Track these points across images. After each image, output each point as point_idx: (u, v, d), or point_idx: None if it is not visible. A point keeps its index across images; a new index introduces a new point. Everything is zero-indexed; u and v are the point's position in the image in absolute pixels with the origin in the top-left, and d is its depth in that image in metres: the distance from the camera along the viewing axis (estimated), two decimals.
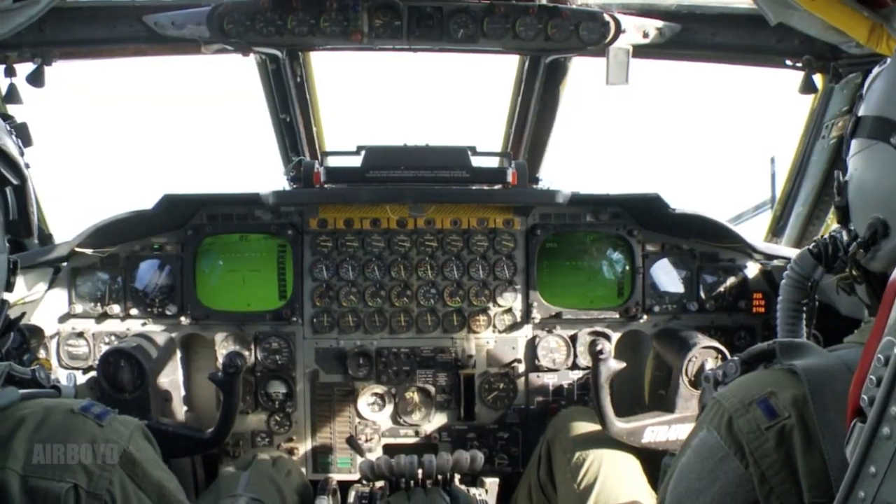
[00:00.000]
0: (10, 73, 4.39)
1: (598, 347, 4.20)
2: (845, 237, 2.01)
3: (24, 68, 4.41)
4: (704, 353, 4.39)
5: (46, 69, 4.42)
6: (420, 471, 3.52)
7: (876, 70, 1.93)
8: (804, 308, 2.72)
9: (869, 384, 1.47)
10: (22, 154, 2.06)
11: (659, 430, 4.32)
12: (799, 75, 4.67)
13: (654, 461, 4.24)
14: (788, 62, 4.69)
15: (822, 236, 2.36)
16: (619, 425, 4.24)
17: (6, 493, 1.73)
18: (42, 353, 4.72)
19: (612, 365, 4.23)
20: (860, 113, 1.91)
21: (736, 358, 2.10)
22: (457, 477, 3.75)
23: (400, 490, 3.57)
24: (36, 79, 4.40)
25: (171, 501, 2.01)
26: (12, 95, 4.40)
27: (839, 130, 4.66)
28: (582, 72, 5.17)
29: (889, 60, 1.89)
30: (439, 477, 3.58)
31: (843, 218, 2.01)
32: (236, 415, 4.34)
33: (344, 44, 4.56)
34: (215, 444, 4.44)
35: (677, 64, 5.12)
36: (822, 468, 1.61)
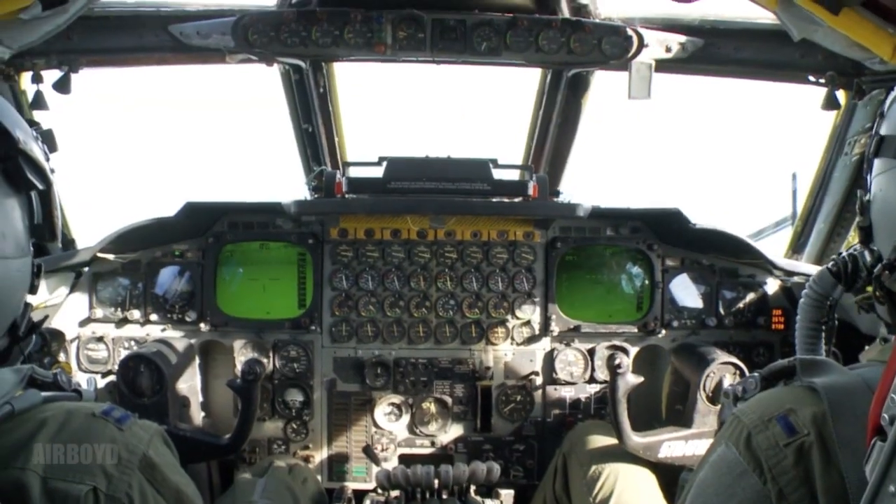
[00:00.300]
0: (37, 79, 4.44)
1: (617, 362, 4.20)
2: (868, 257, 1.99)
3: (51, 75, 4.47)
4: (722, 369, 4.37)
5: (73, 77, 4.48)
6: (436, 481, 3.52)
7: None
8: (823, 327, 2.70)
9: (890, 403, 1.46)
10: (48, 159, 2.08)
11: (676, 446, 4.31)
12: (822, 91, 4.64)
13: (670, 476, 4.23)
14: (811, 78, 4.66)
15: (840, 255, 2.33)
16: (636, 440, 4.22)
17: (27, 494, 1.75)
18: (62, 357, 4.76)
19: (630, 379, 4.22)
20: (883, 132, 1.89)
21: (756, 374, 2.09)
22: (472, 488, 3.75)
23: (415, 500, 3.58)
24: (62, 86, 4.46)
25: None
26: (39, 102, 4.46)
27: (862, 147, 4.63)
28: (604, 85, 5.18)
29: None
30: (455, 488, 3.59)
31: (867, 238, 1.99)
32: (254, 422, 4.36)
33: (368, 55, 4.59)
34: (232, 450, 4.46)
35: (700, 79, 5.11)
36: (841, 486, 1.59)
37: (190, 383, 4.80)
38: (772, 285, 5.06)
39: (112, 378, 4.76)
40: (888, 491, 1.44)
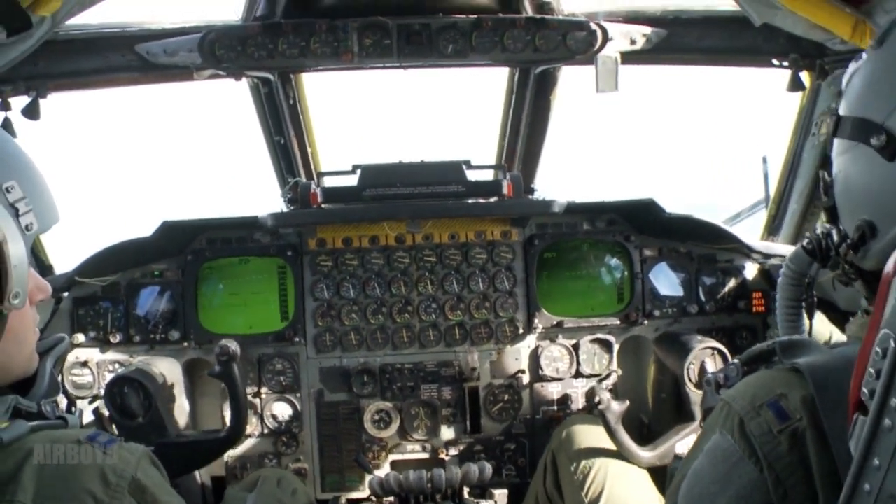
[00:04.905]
0: (5, 107, 4.41)
1: (596, 399, 4.23)
2: (835, 236, 2.02)
3: (19, 101, 4.44)
4: (702, 354, 4.39)
5: (42, 102, 4.46)
6: (430, 485, 3.52)
7: (852, 67, 1.92)
8: (803, 305, 2.72)
9: (868, 377, 1.48)
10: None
11: (688, 443, 4.25)
12: (786, 74, 4.70)
13: (661, 467, 4.24)
14: (775, 61, 4.71)
15: (815, 232, 2.36)
16: (647, 455, 4.21)
17: None
18: None
19: (616, 408, 4.21)
20: (840, 112, 1.91)
21: (736, 361, 2.11)
22: (466, 490, 3.76)
23: None
24: (31, 112, 4.43)
25: None
26: (7, 129, 4.42)
27: (828, 127, 4.69)
28: (572, 80, 5.21)
29: (864, 56, 1.90)
30: (449, 491, 3.59)
31: (832, 217, 2.01)
32: (246, 403, 4.32)
33: (335, 64, 4.59)
34: (234, 439, 4.40)
35: (667, 68, 5.15)
36: (836, 467, 1.61)
37: (178, 402, 4.76)
38: (750, 269, 5.10)
39: (99, 402, 4.73)
40: (873, 465, 1.46)
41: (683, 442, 4.29)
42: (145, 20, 4.62)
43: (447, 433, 5.06)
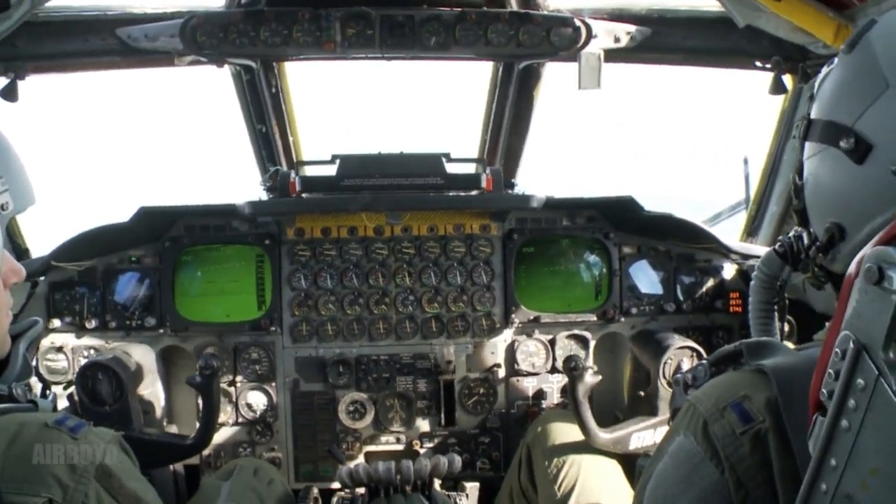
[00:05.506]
0: None
1: (572, 364, 4.20)
2: (806, 239, 2.02)
3: None
4: (679, 354, 4.41)
5: (20, 83, 4.42)
6: (398, 476, 3.53)
7: (824, 71, 1.92)
8: (775, 307, 2.74)
9: (828, 378, 1.49)
10: None
11: (645, 435, 4.31)
12: (769, 76, 4.72)
13: (633, 463, 4.25)
14: (758, 63, 4.73)
15: (787, 236, 2.37)
16: (604, 436, 4.21)
17: None
18: None
19: (588, 379, 4.22)
20: (812, 115, 1.92)
21: (704, 361, 2.12)
22: (437, 482, 3.75)
23: (379, 496, 3.58)
24: (9, 94, 4.40)
25: None
26: None
27: (800, 130, 4.71)
28: (557, 76, 5.21)
29: (835, 60, 1.90)
30: (419, 482, 3.59)
31: (802, 220, 2.02)
32: (217, 417, 4.33)
33: (317, 54, 4.58)
34: (199, 448, 4.43)
35: (653, 67, 5.16)
36: (797, 469, 1.62)
37: (151, 389, 4.75)
38: (728, 269, 5.12)
39: (73, 388, 4.70)
40: (830, 465, 1.47)
41: (641, 434, 4.32)
42: (127, 3, 4.59)
43: (422, 425, 5.06)
